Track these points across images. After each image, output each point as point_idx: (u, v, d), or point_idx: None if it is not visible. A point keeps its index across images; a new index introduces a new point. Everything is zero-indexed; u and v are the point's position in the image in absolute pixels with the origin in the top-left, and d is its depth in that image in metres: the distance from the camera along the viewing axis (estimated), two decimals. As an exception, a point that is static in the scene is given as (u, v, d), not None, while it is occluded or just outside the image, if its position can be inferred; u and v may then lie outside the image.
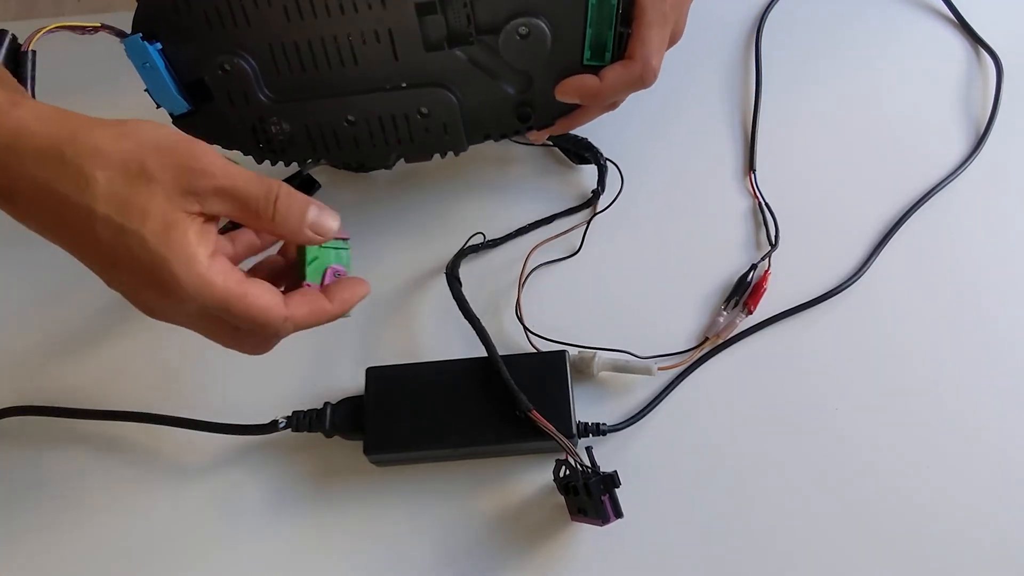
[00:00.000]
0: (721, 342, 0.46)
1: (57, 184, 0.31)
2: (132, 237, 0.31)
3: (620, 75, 0.43)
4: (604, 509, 0.38)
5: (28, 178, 0.31)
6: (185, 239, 0.32)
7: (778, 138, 0.53)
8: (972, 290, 0.47)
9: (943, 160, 0.51)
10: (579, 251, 0.50)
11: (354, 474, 0.44)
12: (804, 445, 0.43)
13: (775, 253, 0.49)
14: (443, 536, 0.43)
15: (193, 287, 0.32)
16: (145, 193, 0.31)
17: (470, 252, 0.49)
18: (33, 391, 0.48)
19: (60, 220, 0.32)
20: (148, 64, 0.41)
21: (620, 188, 0.51)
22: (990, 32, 0.55)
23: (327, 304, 0.36)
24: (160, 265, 0.31)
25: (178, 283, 0.32)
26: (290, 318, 0.35)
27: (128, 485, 0.46)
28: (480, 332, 0.44)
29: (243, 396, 0.47)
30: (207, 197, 0.32)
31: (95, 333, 0.50)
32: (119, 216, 0.31)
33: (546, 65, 0.44)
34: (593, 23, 0.42)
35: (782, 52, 0.56)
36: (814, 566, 0.41)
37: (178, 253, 0.31)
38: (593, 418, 0.43)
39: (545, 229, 0.51)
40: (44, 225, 0.32)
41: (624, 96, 0.46)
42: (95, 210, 0.31)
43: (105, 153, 0.31)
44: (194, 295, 0.32)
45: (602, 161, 0.52)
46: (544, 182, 0.53)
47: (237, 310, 0.33)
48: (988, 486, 0.42)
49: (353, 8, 0.41)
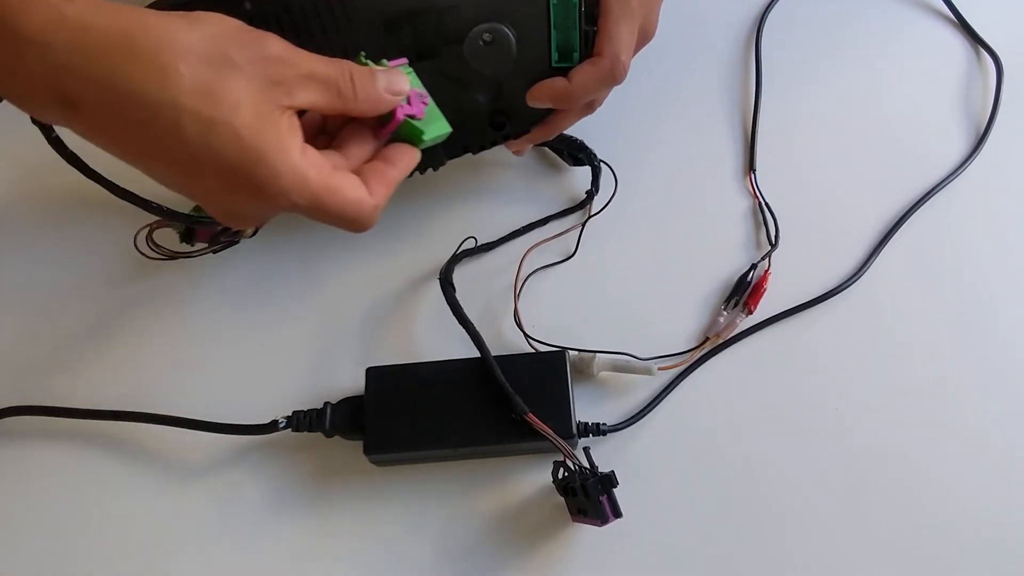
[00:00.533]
0: (721, 342, 0.46)
1: (132, 81, 0.28)
2: (224, 130, 0.29)
3: (589, 74, 0.42)
4: (603, 509, 0.38)
5: (96, 79, 0.28)
6: (279, 130, 0.30)
7: (778, 138, 0.53)
8: (972, 290, 0.47)
9: (943, 160, 0.51)
10: (574, 254, 0.50)
11: (354, 474, 0.44)
12: (804, 445, 0.43)
13: (775, 253, 0.49)
14: (443, 536, 0.43)
15: (288, 182, 0.30)
16: (232, 83, 0.29)
17: (464, 257, 0.49)
18: (33, 391, 0.48)
19: (136, 123, 0.28)
20: None
21: (615, 189, 0.51)
22: (990, 32, 0.55)
23: (393, 171, 0.35)
24: (256, 159, 0.29)
25: (274, 179, 0.30)
26: (378, 205, 0.34)
27: (128, 485, 0.45)
28: (474, 337, 0.44)
29: (243, 396, 0.47)
30: (294, 86, 0.30)
31: (95, 333, 0.50)
32: (208, 108, 0.28)
33: (515, 71, 0.43)
34: (557, 25, 0.42)
35: (782, 52, 0.56)
36: (814, 566, 0.41)
37: (273, 144, 0.29)
38: (593, 418, 0.43)
39: (539, 232, 0.51)
40: (114, 133, 0.29)
41: (598, 95, 0.45)
42: (181, 103, 0.28)
43: (183, 42, 0.28)
44: (288, 190, 0.30)
45: (596, 162, 0.51)
46: (537, 185, 0.53)
47: (329, 205, 0.32)
48: (989, 486, 0.42)
49: (321, 30, 0.41)
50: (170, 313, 0.50)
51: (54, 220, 0.54)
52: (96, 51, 0.27)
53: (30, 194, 0.55)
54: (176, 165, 0.30)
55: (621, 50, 0.42)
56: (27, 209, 0.54)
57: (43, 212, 0.54)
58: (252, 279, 0.51)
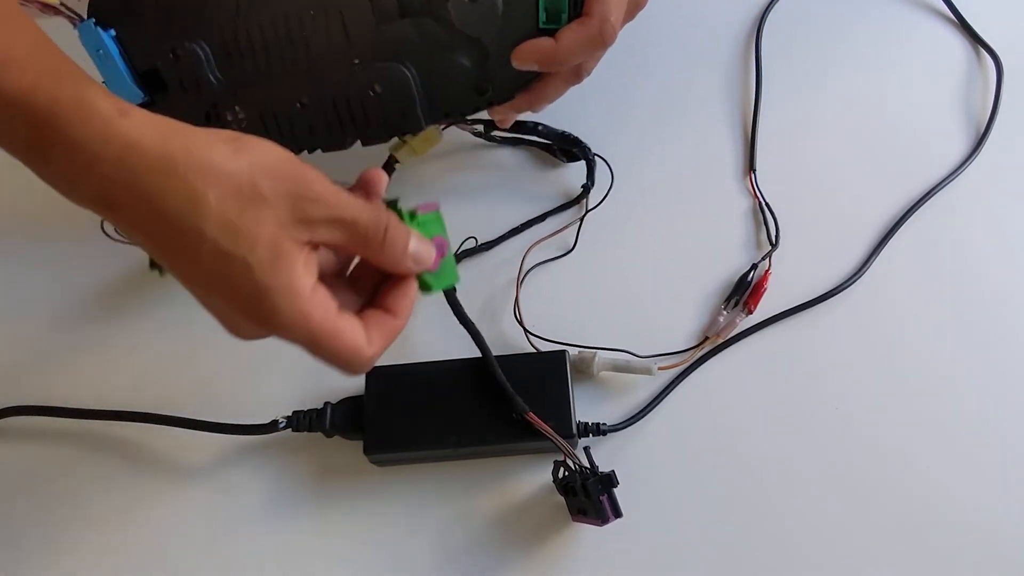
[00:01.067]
0: (721, 342, 0.46)
1: (166, 200, 0.29)
2: (237, 264, 0.30)
3: (577, 33, 0.41)
4: (603, 509, 0.38)
5: (136, 191, 0.29)
6: (292, 270, 0.31)
7: (778, 138, 0.53)
8: (973, 289, 0.47)
9: (943, 160, 0.51)
10: (573, 249, 0.50)
11: (354, 474, 0.44)
12: (804, 445, 0.43)
13: (775, 253, 0.48)
14: (443, 536, 0.43)
15: (290, 320, 0.31)
16: (256, 218, 0.30)
17: (464, 256, 0.49)
18: (33, 391, 0.48)
19: (164, 236, 0.30)
20: (102, 51, 0.40)
21: (611, 182, 0.51)
22: (990, 32, 0.55)
23: (394, 320, 0.35)
24: (262, 295, 0.30)
25: (277, 315, 0.31)
26: (373, 356, 0.34)
27: (128, 485, 0.46)
28: (476, 337, 0.44)
29: (243, 396, 0.47)
30: (319, 226, 0.31)
31: (95, 333, 0.50)
32: (228, 242, 0.30)
33: (500, 32, 0.42)
34: None
35: (782, 52, 0.56)
36: (815, 565, 0.41)
37: (283, 284, 0.30)
38: (593, 418, 0.43)
39: (537, 228, 0.51)
40: (145, 237, 0.31)
41: (585, 58, 0.43)
42: (204, 232, 0.29)
43: (219, 171, 0.30)
44: (288, 327, 0.31)
45: (590, 156, 0.51)
46: (532, 183, 0.53)
47: (325, 346, 0.32)
48: (990, 485, 0.42)
49: None
50: (170, 313, 0.50)
51: (54, 220, 0.54)
52: (140, 169, 0.29)
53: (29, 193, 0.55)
54: (194, 281, 0.31)
55: (611, 11, 0.41)
56: (26, 209, 0.55)
57: (42, 212, 0.54)
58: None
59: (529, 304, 0.48)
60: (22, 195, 0.55)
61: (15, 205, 0.55)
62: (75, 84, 0.29)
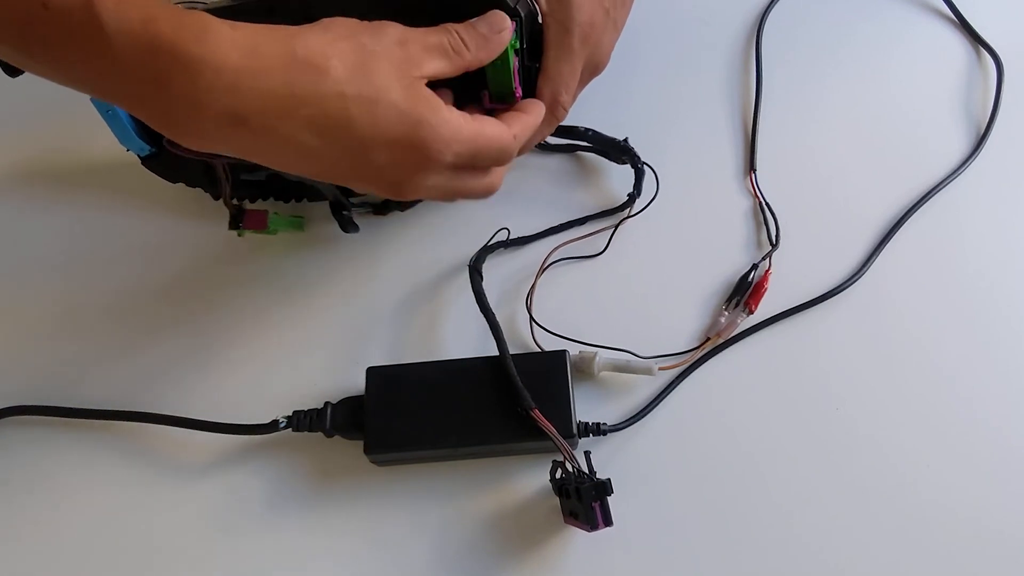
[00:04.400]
0: (722, 342, 0.46)
1: (295, 85, 0.31)
2: (385, 107, 0.33)
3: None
4: (594, 516, 0.37)
5: (264, 93, 0.31)
6: (426, 94, 0.34)
7: (778, 138, 0.53)
8: (973, 289, 0.47)
9: (944, 160, 0.51)
10: (604, 252, 0.50)
11: (354, 474, 0.44)
12: (805, 445, 0.43)
13: (776, 253, 0.48)
14: (443, 536, 0.43)
15: (448, 135, 0.34)
16: (377, 67, 0.33)
17: (497, 248, 0.49)
18: (33, 391, 0.48)
19: (305, 122, 0.32)
20: (110, 111, 0.43)
21: (656, 191, 0.50)
22: (990, 32, 0.55)
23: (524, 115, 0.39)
24: (416, 124, 0.33)
25: (436, 136, 0.34)
26: (517, 135, 0.38)
27: (128, 485, 0.45)
28: (494, 327, 0.43)
29: (243, 396, 0.47)
30: (422, 60, 0.34)
31: (95, 333, 0.50)
32: (367, 90, 0.32)
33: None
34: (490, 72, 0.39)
35: (782, 52, 0.56)
36: (816, 565, 0.41)
37: (426, 107, 0.34)
38: (594, 418, 0.43)
39: (572, 232, 0.50)
40: (282, 140, 0.33)
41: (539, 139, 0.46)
42: (345, 92, 0.32)
43: (325, 43, 0.32)
44: (450, 142, 0.34)
45: (639, 164, 0.50)
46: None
47: (482, 144, 0.36)
48: (991, 485, 0.42)
49: None
50: (170, 313, 0.50)
51: (54, 220, 0.54)
52: (262, 68, 0.31)
53: (30, 192, 0.55)
54: (346, 152, 0.34)
55: (560, 91, 0.43)
56: (25, 210, 0.55)
57: (43, 212, 0.54)
58: (251, 281, 0.51)
59: (539, 300, 0.48)
60: (22, 195, 0.55)
61: (15, 204, 0.55)
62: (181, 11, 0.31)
